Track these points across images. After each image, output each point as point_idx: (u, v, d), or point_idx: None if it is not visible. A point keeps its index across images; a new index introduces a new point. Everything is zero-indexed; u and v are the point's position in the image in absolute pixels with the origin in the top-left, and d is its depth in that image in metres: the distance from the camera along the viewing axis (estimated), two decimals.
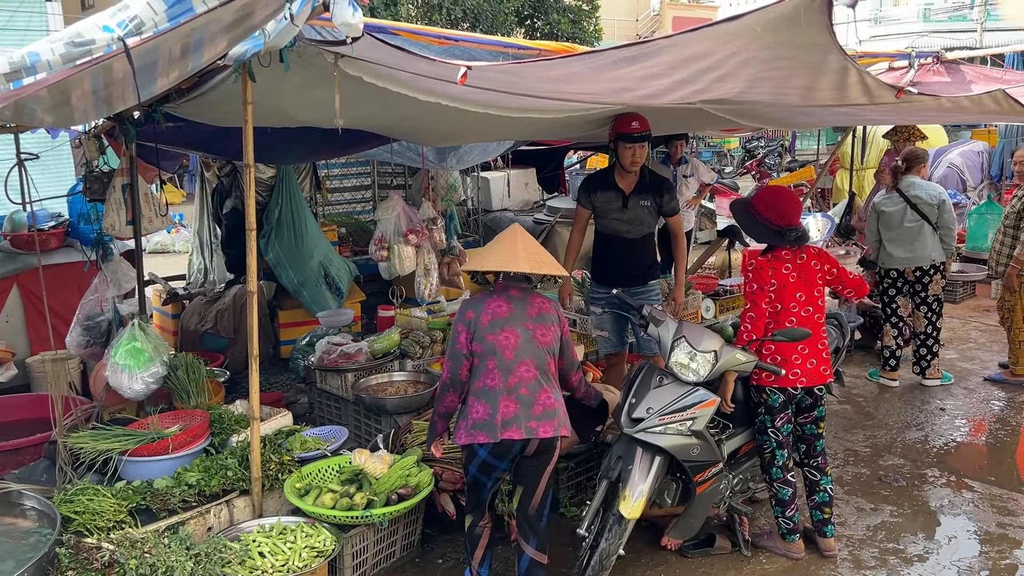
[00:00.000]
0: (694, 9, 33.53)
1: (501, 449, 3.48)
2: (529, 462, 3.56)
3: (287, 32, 2.85)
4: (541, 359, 3.53)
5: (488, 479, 3.63)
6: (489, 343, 3.49)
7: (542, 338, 3.54)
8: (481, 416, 3.48)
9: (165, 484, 3.83)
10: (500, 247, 3.63)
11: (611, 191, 5.03)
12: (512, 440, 3.45)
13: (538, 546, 3.62)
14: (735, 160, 21.57)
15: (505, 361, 3.48)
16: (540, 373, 3.52)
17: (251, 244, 3.65)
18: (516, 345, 3.49)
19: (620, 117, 4.74)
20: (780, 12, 2.91)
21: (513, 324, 3.51)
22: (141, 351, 4.41)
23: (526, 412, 3.46)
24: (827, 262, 4.19)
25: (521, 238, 3.61)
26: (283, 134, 5.18)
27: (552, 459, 3.58)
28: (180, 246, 12.85)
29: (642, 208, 5.04)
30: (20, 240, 6.38)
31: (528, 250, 3.56)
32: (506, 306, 3.54)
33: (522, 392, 3.48)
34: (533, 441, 3.48)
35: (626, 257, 5.14)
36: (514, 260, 3.52)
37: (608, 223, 5.11)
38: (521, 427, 3.44)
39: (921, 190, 6.44)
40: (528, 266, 3.51)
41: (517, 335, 3.50)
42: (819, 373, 4.09)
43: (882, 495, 4.88)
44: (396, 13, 14.25)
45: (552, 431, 3.48)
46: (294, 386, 6.57)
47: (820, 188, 11.07)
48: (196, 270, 8.08)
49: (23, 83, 2.56)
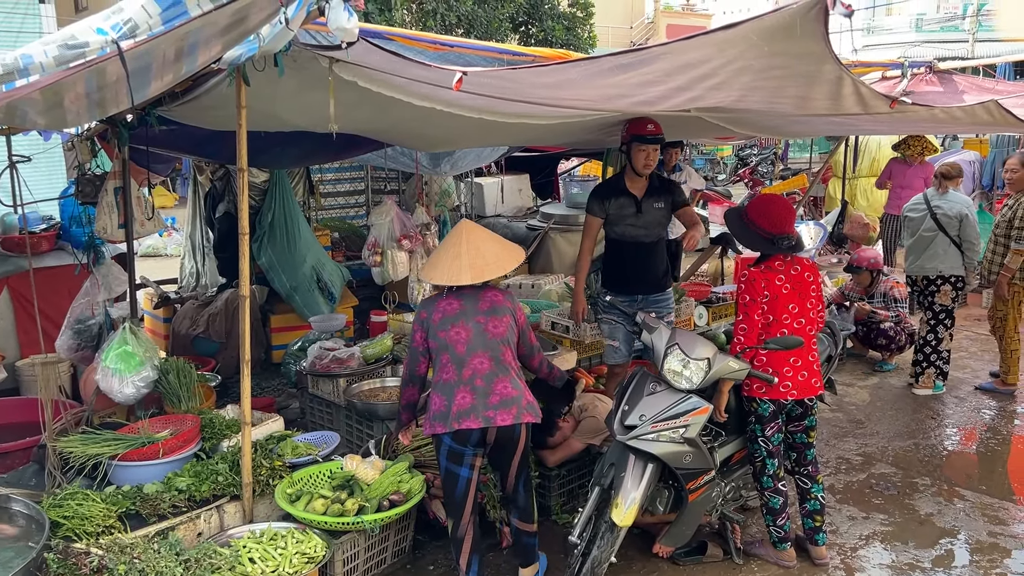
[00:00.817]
0: (688, 17, 33.67)
1: (460, 437, 3.59)
2: (497, 452, 3.70)
3: (282, 36, 2.85)
4: (495, 350, 3.64)
5: (459, 468, 3.66)
6: (441, 339, 3.64)
7: (494, 330, 3.65)
8: (438, 408, 3.63)
9: (155, 489, 3.81)
10: (444, 257, 3.70)
11: (624, 197, 5.00)
12: (469, 430, 3.57)
13: (520, 517, 3.85)
14: (728, 168, 21.63)
15: (458, 355, 3.62)
16: (495, 364, 3.63)
17: (244, 248, 3.64)
18: (467, 339, 3.62)
19: (634, 120, 4.74)
20: (776, 21, 2.92)
21: (464, 319, 3.64)
22: (132, 355, 4.38)
23: (483, 402, 3.58)
24: (819, 279, 4.20)
25: (466, 240, 3.67)
26: (277, 138, 5.16)
27: (519, 446, 3.70)
28: (172, 250, 12.79)
29: (656, 211, 5.05)
30: (11, 242, 6.36)
31: (472, 255, 3.63)
32: (456, 303, 3.68)
33: (477, 383, 3.60)
34: (492, 429, 3.59)
35: (645, 262, 5.11)
36: (456, 272, 3.62)
37: (623, 229, 5.07)
38: (479, 417, 3.56)
39: (945, 202, 6.61)
40: (469, 276, 3.61)
41: (468, 329, 3.63)
42: (810, 385, 4.09)
43: (874, 503, 4.89)
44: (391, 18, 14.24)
45: (511, 419, 3.59)
46: (286, 391, 6.55)
47: (813, 196, 11.12)
48: (188, 274, 8.05)
49: (16, 85, 2.55)
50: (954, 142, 13.06)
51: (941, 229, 6.52)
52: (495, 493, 4.25)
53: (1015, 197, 6.49)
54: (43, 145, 6.21)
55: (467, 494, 3.69)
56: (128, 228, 4.87)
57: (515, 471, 3.77)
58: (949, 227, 6.51)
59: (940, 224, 6.52)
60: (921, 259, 6.62)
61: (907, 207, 6.92)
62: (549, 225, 9.33)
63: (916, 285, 6.77)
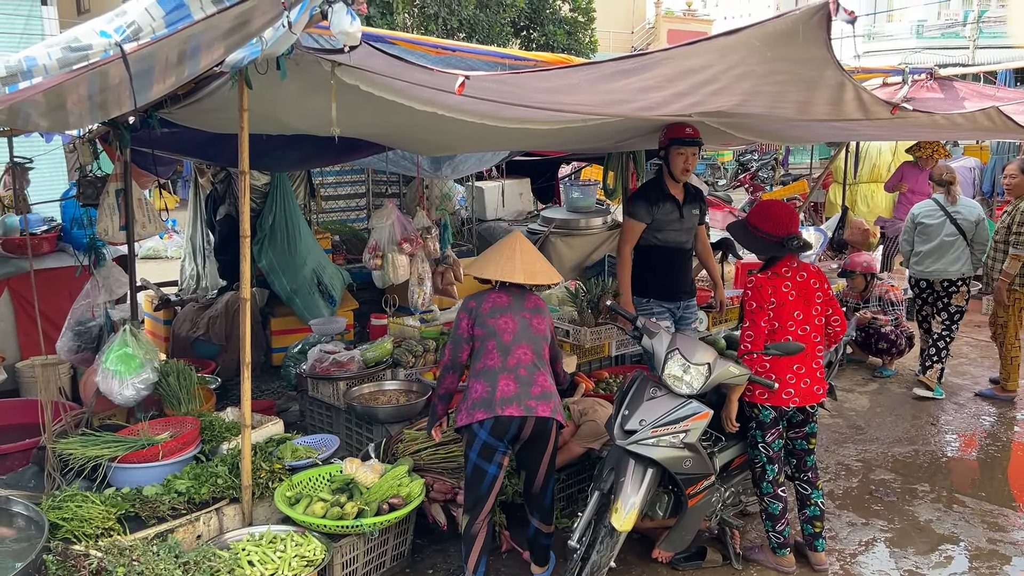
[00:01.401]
0: (689, 22, 33.69)
1: (499, 428, 3.66)
2: (528, 449, 3.79)
3: (284, 40, 2.85)
4: (537, 344, 3.81)
5: (488, 465, 3.71)
6: (489, 326, 3.78)
7: (537, 326, 3.84)
8: (480, 394, 3.71)
9: (154, 491, 3.80)
10: (496, 258, 3.89)
11: (669, 201, 4.98)
12: (510, 417, 3.63)
13: (541, 519, 3.93)
14: (729, 173, 21.63)
15: (504, 343, 3.75)
16: (536, 357, 3.79)
17: (245, 250, 3.64)
18: (514, 330, 3.77)
19: (672, 123, 4.75)
20: (779, 26, 2.92)
21: (512, 312, 3.81)
22: (132, 357, 4.39)
23: (525, 391, 3.69)
24: (825, 284, 4.20)
25: (520, 247, 3.89)
26: (278, 141, 5.17)
27: (550, 443, 3.80)
28: (172, 252, 12.80)
29: (693, 216, 5.07)
30: (12, 244, 6.36)
31: (525, 260, 3.85)
32: (506, 297, 3.85)
33: (521, 372, 3.72)
34: (530, 421, 3.68)
35: (685, 268, 5.13)
36: (510, 271, 3.82)
37: (667, 235, 5.03)
38: (521, 405, 3.66)
39: (962, 207, 6.80)
40: (522, 277, 3.82)
41: (515, 321, 3.79)
42: (812, 393, 4.09)
43: (873, 509, 4.88)
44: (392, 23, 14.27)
45: (549, 411, 3.71)
46: (285, 394, 6.55)
47: (813, 202, 11.11)
48: (188, 276, 8.05)
49: (19, 87, 2.55)
50: (955, 148, 13.06)
51: (961, 233, 6.69)
52: (496, 498, 4.24)
53: (1014, 203, 6.51)
54: (45, 147, 6.22)
55: (491, 491, 3.75)
56: (129, 230, 4.87)
57: (544, 470, 3.84)
58: (969, 231, 6.70)
59: (961, 229, 6.70)
60: (941, 263, 6.75)
61: (920, 213, 6.96)
62: (550, 229, 9.31)
63: (931, 288, 6.88)
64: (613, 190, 7.31)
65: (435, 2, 14.98)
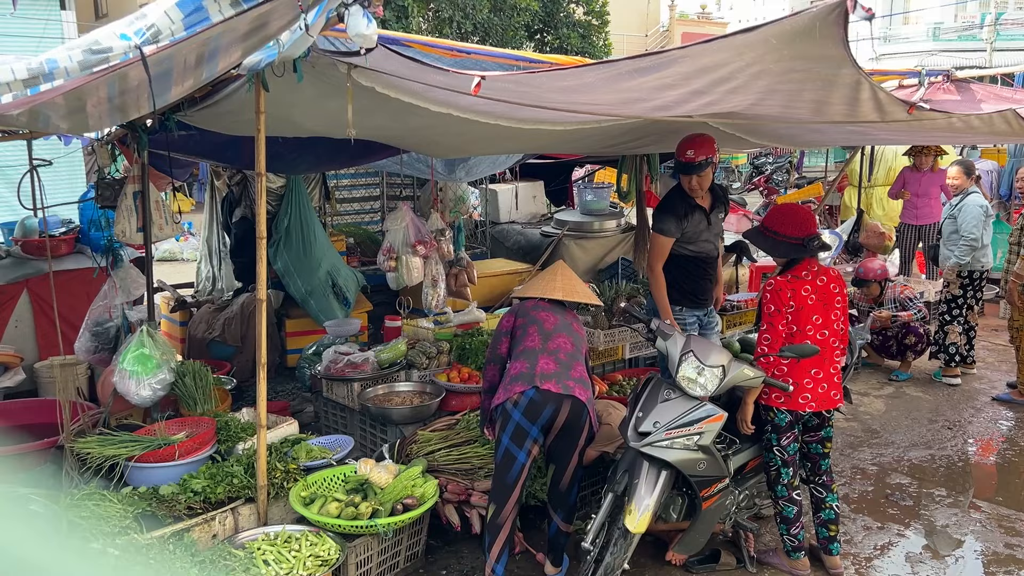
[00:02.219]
0: (703, 25, 33.59)
1: (533, 409, 3.74)
2: (560, 440, 3.86)
3: (301, 42, 2.87)
4: (577, 339, 4.04)
5: (519, 451, 3.76)
6: (532, 316, 4.03)
7: (578, 329, 4.12)
8: (519, 370, 3.84)
9: (171, 491, 3.83)
10: (540, 282, 4.26)
11: (697, 212, 4.91)
12: (549, 393, 3.72)
13: (564, 518, 3.99)
14: (743, 176, 21.56)
15: (546, 329, 3.97)
16: (575, 349, 3.97)
17: (261, 252, 3.66)
18: (556, 321, 4.02)
19: (679, 143, 4.72)
20: (796, 24, 2.92)
21: (552, 312, 4.07)
22: (149, 357, 4.42)
23: (564, 372, 3.83)
24: (844, 289, 4.18)
25: (561, 275, 4.25)
26: (293, 144, 5.20)
27: (583, 435, 3.88)
28: (188, 254, 12.89)
29: (720, 221, 5.08)
30: (31, 246, 6.42)
31: (564, 281, 4.20)
32: (546, 303, 4.13)
33: (561, 356, 3.88)
34: (566, 404, 3.76)
35: (712, 275, 5.11)
36: (550, 290, 4.15)
37: (699, 245, 4.96)
38: (560, 383, 3.78)
39: None
40: (561, 293, 4.14)
41: (556, 318, 4.04)
42: (829, 398, 4.07)
43: (889, 514, 4.86)
44: (407, 26, 14.32)
45: (585, 397, 3.83)
46: (300, 395, 6.58)
47: (828, 205, 11.06)
48: (204, 278, 8.11)
49: (40, 89, 2.58)
50: (972, 152, 12.97)
51: None
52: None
53: None
54: (63, 149, 6.28)
55: (519, 480, 3.81)
56: (146, 232, 4.91)
57: (573, 464, 3.90)
58: None
59: None
60: (987, 254, 6.99)
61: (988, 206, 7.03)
62: (563, 232, 9.34)
63: (970, 280, 7.05)
64: (627, 193, 7.31)
65: (450, 6, 15.02)
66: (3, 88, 2.51)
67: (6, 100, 2.57)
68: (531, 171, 10.95)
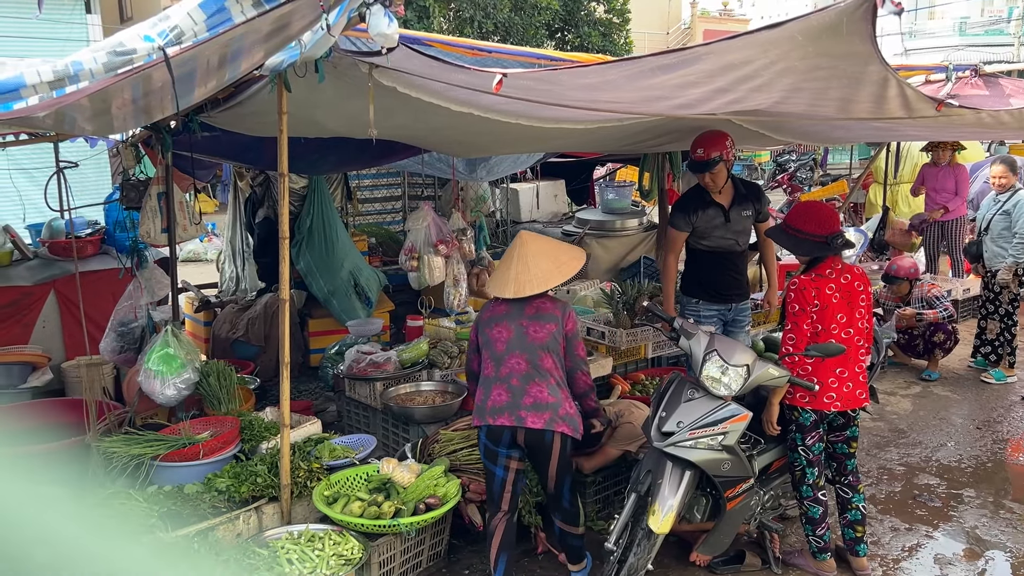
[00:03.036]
0: (725, 22, 33.38)
1: (493, 435, 3.72)
2: (533, 457, 3.80)
3: (323, 43, 2.88)
4: (533, 354, 3.71)
5: (495, 467, 3.77)
6: (486, 336, 3.81)
7: (535, 334, 3.72)
8: (478, 401, 3.80)
9: (195, 490, 3.86)
10: (500, 269, 3.89)
11: (712, 208, 4.94)
12: (501, 427, 3.67)
13: (563, 519, 3.91)
14: (766, 174, 21.39)
15: (497, 352, 3.75)
16: (531, 367, 3.70)
17: (283, 252, 3.68)
18: (507, 339, 3.73)
19: (692, 142, 4.73)
20: (822, 20, 2.88)
21: (508, 320, 3.76)
22: (174, 357, 4.45)
23: (516, 401, 3.68)
24: (869, 287, 4.12)
25: (518, 256, 3.80)
26: (315, 144, 5.22)
27: (552, 454, 3.72)
28: (212, 255, 12.99)
29: (745, 219, 5.02)
30: (58, 247, 6.50)
31: (519, 268, 3.76)
32: (504, 306, 3.81)
33: (513, 383, 3.70)
34: (520, 430, 3.67)
35: (734, 271, 5.08)
36: (503, 285, 3.79)
37: (714, 240, 5.00)
38: (512, 415, 3.67)
39: None
40: (512, 290, 3.74)
41: (510, 330, 3.74)
42: (854, 397, 4.02)
43: (917, 515, 4.79)
44: (428, 26, 14.35)
45: (541, 423, 3.65)
46: (323, 394, 6.60)
47: (853, 203, 10.94)
48: (228, 278, 8.16)
49: (66, 91, 2.60)
50: (1000, 148, 12.79)
51: None
52: (531, 499, 4.24)
53: None
54: (89, 151, 6.35)
55: (503, 492, 3.78)
56: (171, 233, 4.95)
57: (554, 477, 3.79)
58: None
59: None
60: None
61: None
62: (585, 231, 9.32)
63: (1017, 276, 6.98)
64: (649, 191, 7.26)
65: (470, 6, 15.03)
66: (29, 90, 2.53)
67: (32, 102, 2.59)
68: (552, 170, 10.94)
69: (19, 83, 2.53)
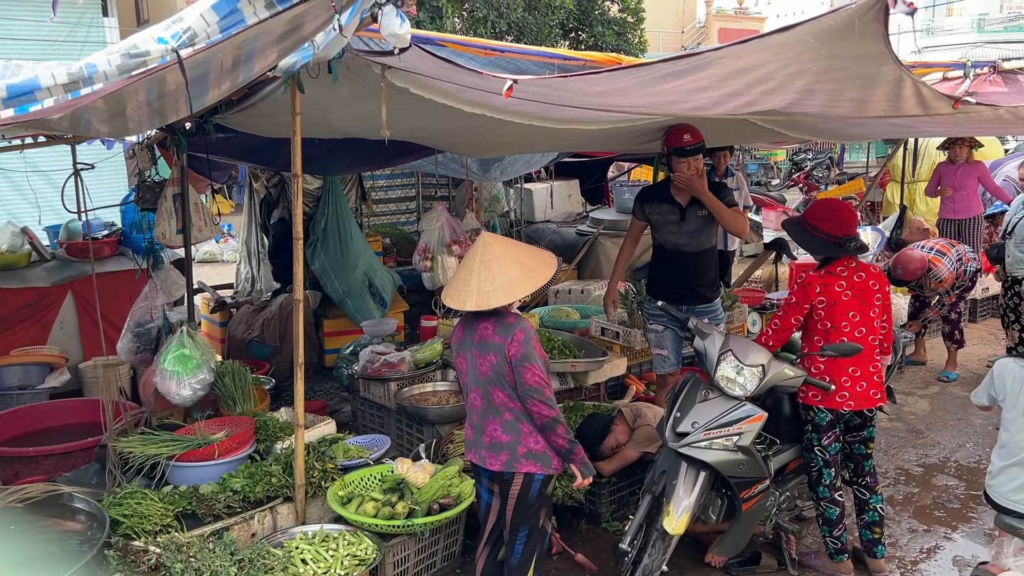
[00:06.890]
0: (741, 21, 33.21)
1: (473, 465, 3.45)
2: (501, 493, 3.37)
3: (336, 43, 2.88)
4: (484, 389, 3.28)
5: (482, 488, 3.48)
6: (455, 361, 3.48)
7: (480, 367, 3.27)
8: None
9: (211, 489, 3.88)
10: (459, 276, 3.31)
11: (667, 204, 4.84)
12: (472, 463, 3.44)
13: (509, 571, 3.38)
14: (782, 172, 21.27)
15: (463, 383, 3.44)
16: (485, 403, 3.30)
17: (298, 253, 3.69)
18: (467, 370, 3.36)
19: (671, 131, 4.59)
20: (834, 22, 2.85)
21: (464, 350, 3.36)
22: (189, 358, 4.48)
23: (478, 438, 3.36)
24: (886, 287, 4.09)
25: (480, 261, 3.22)
26: (329, 145, 5.24)
27: (509, 498, 3.29)
28: (228, 255, 13.06)
29: (700, 219, 4.81)
30: (75, 248, 6.55)
31: (482, 277, 3.18)
32: (461, 331, 3.41)
33: (473, 419, 3.39)
34: (483, 469, 3.36)
35: (686, 272, 4.92)
36: (464, 296, 3.21)
37: (665, 236, 4.93)
38: (476, 453, 3.38)
39: None
40: (474, 302, 3.17)
41: (467, 361, 3.35)
42: (869, 397, 3.98)
43: (935, 516, 4.74)
44: (441, 26, 14.34)
45: (499, 466, 3.26)
46: (338, 395, 6.62)
47: (870, 201, 10.86)
48: (243, 279, 8.21)
49: (80, 93, 2.62)
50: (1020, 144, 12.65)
51: None
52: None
53: None
54: (106, 153, 6.39)
55: (486, 518, 3.46)
56: (186, 234, 4.98)
57: (510, 524, 3.33)
58: None
59: None
60: None
61: None
62: (599, 231, 9.30)
63: None
64: None
65: (484, 5, 15.02)
66: (44, 93, 2.55)
67: (48, 104, 2.61)
68: (566, 169, 10.91)
69: (34, 86, 2.55)
